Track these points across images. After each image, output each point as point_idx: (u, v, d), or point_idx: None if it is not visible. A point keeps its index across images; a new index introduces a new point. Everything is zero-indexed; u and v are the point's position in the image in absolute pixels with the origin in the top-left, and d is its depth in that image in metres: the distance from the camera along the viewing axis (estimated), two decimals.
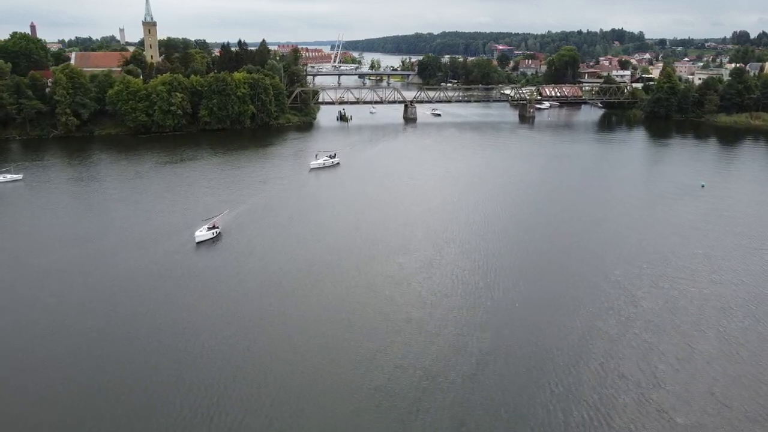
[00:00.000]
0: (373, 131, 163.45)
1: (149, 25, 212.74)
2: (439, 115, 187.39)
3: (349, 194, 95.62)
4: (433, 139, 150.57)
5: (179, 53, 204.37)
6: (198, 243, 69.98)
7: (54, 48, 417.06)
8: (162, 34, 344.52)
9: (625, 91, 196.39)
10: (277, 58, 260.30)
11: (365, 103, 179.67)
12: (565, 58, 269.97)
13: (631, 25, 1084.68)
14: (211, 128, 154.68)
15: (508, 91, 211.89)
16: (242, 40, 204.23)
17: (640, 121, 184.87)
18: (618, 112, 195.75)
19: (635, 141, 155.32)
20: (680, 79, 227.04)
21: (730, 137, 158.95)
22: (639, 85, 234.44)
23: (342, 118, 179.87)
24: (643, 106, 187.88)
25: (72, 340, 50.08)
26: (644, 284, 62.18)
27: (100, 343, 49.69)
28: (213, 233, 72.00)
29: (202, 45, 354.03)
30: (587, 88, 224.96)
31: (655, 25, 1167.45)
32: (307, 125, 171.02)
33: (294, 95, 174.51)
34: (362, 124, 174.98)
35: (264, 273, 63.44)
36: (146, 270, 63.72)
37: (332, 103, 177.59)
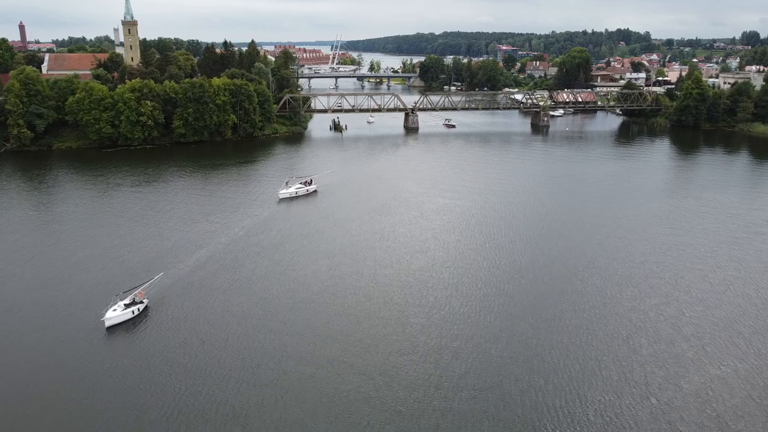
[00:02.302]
0: (369, 144, 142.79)
1: (129, 25, 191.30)
2: (453, 126, 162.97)
3: (323, 239, 72.95)
4: (437, 154, 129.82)
5: (159, 55, 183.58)
6: (109, 328, 49.17)
7: (44, 48, 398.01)
8: (154, 34, 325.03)
9: (648, 97, 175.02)
10: (273, 59, 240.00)
11: (362, 111, 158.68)
12: (576, 60, 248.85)
13: (632, 25, 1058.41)
14: (187, 141, 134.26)
15: (518, 97, 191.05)
16: (228, 41, 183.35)
17: (665, 130, 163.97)
18: (639, 120, 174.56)
19: (668, 157, 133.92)
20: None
21: None
22: (657, 89, 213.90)
23: (336, 127, 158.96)
24: (669, 114, 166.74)
25: None
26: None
27: None
28: (133, 311, 50.88)
29: (195, 45, 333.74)
30: (602, 92, 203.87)
31: (656, 25, 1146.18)
32: (296, 136, 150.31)
33: (282, 102, 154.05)
34: (358, 134, 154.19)
35: (191, 382, 42.94)
36: (17, 381, 43.10)
37: (325, 111, 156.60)
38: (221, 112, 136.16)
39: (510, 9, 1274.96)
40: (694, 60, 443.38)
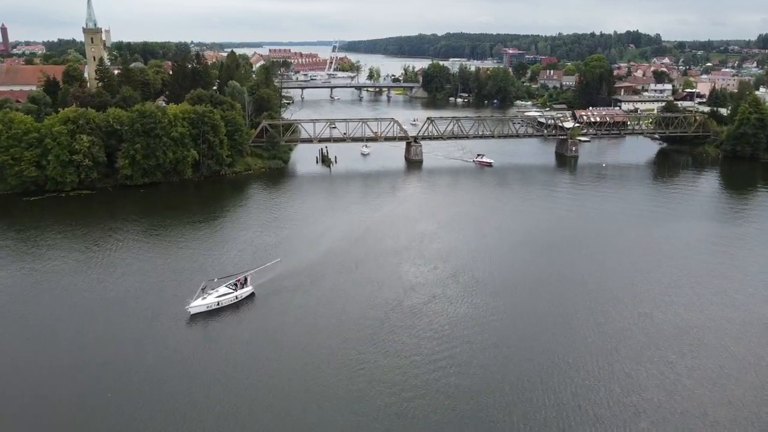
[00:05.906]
0: (361, 184, 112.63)
1: (92, 33, 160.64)
2: (490, 165, 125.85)
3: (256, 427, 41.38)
4: (446, 203, 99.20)
5: (120, 68, 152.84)
6: None
7: (29, 51, 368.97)
8: (154, 36, 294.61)
9: (693, 121, 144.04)
10: (255, 69, 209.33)
11: (354, 140, 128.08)
12: (597, 70, 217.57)
13: (635, 26, 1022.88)
14: (135, 183, 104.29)
15: (535, 114, 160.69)
16: (200, 53, 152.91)
17: (716, 162, 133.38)
18: (683, 149, 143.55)
19: (743, 205, 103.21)
20: (730, 95, 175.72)
21: None
22: (688, 103, 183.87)
23: (323, 160, 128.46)
24: (721, 142, 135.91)
25: None
26: None
27: None
28: None
29: (183, 49, 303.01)
30: (632, 111, 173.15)
31: (656, 25, 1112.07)
32: (274, 173, 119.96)
33: (259, 130, 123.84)
34: (349, 169, 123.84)
35: None
36: None
37: (310, 141, 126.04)
38: (178, 147, 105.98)
39: (510, 9, 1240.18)
40: (708, 64, 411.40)
